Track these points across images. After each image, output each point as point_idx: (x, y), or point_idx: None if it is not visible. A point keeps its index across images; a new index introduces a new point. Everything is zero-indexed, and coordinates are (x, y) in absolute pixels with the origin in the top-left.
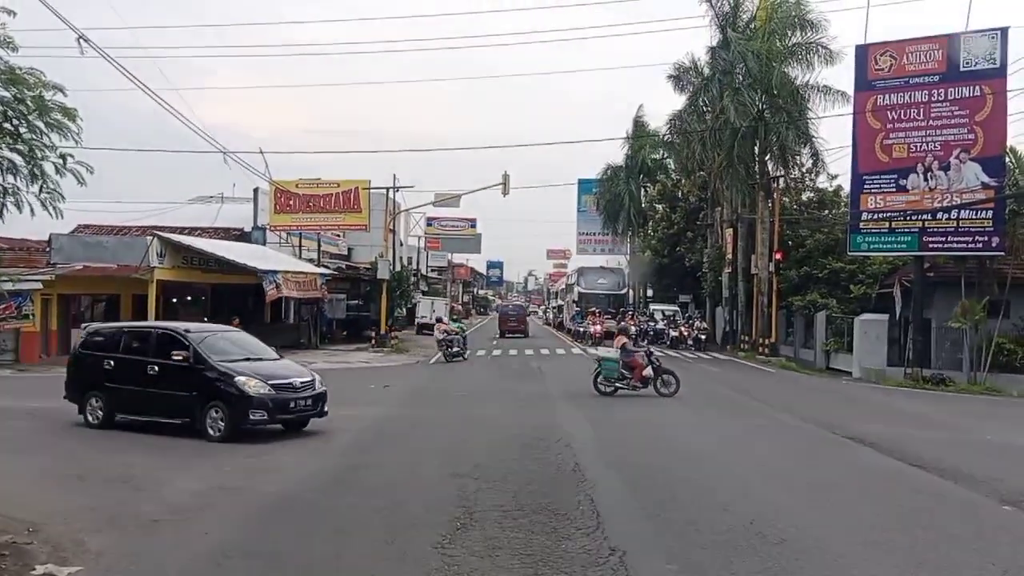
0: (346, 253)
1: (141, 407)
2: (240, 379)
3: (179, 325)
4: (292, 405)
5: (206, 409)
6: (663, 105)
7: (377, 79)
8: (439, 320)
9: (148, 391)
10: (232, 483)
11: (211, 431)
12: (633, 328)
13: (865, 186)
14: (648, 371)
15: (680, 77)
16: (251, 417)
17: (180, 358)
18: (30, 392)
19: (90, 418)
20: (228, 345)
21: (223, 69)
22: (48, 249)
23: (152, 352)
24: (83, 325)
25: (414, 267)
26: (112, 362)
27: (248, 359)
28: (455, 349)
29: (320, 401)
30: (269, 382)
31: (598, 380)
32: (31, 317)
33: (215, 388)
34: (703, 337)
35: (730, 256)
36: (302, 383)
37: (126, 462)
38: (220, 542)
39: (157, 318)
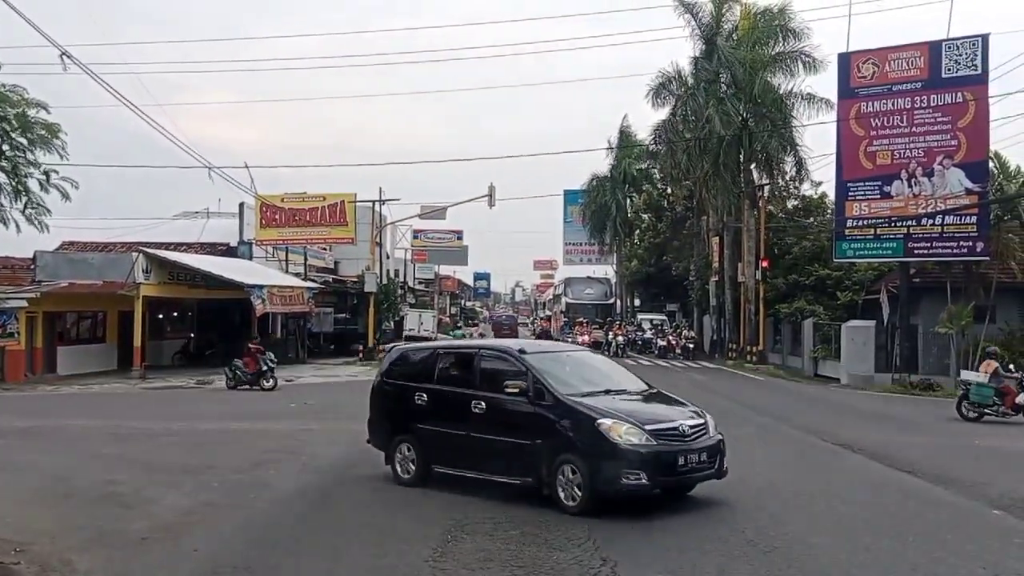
0: (333, 267)
1: (464, 459)
2: (604, 423)
3: (510, 343)
4: (681, 462)
5: (556, 466)
6: (648, 114)
7: (360, 93)
8: (475, 325)
9: (472, 437)
10: (220, 499)
11: (564, 498)
12: (621, 338)
13: (850, 193)
14: (1021, 398)
15: (659, 92)
16: (624, 481)
17: (515, 390)
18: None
19: (400, 471)
20: (576, 371)
21: (206, 85)
22: (33, 267)
23: (477, 382)
24: (386, 346)
25: (401, 280)
26: (425, 396)
27: (607, 391)
28: None
29: (716, 454)
30: (646, 427)
31: (963, 405)
32: (16, 335)
33: (567, 435)
34: (691, 346)
35: (716, 264)
36: (692, 428)
37: (112, 479)
38: (210, 559)
39: (143, 335)
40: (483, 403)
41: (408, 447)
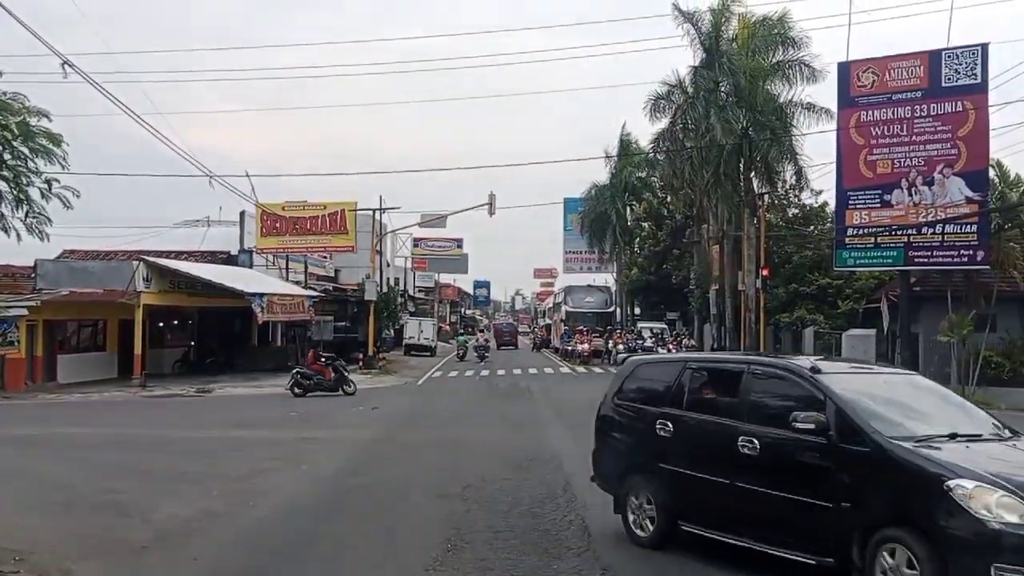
0: (333, 275)
1: (726, 518)
2: (961, 486)
3: (798, 361)
4: None
5: (874, 544)
6: (648, 122)
7: (361, 101)
8: (482, 331)
9: (739, 488)
10: (220, 508)
11: None
12: (621, 346)
13: (850, 202)
14: None
15: (657, 104)
16: None
17: (808, 427)
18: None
19: (634, 526)
20: (901, 402)
21: (208, 93)
22: (34, 275)
23: (745, 410)
24: (619, 355)
25: (401, 288)
26: (670, 425)
27: (954, 436)
28: (488, 355)
29: None
30: None
31: None
32: (16, 343)
33: (894, 501)
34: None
35: (717, 273)
36: None
37: (112, 487)
38: (210, 568)
39: (144, 343)
40: (755, 441)
41: (645, 495)
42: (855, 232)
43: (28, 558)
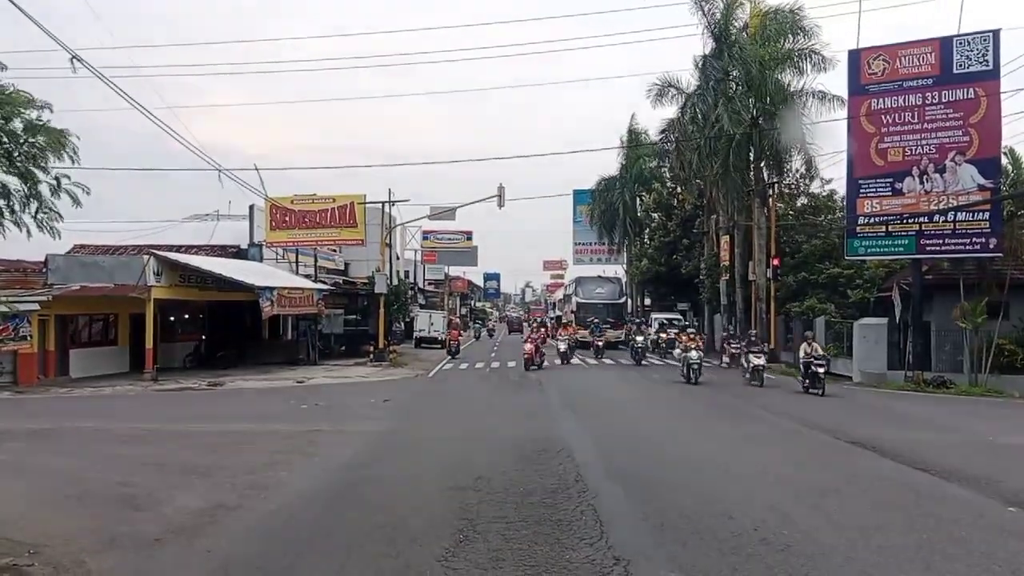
0: (343, 268)
1: None
2: None
3: None
4: None
5: None
6: (658, 113)
7: (371, 94)
8: (492, 319)
9: None
10: (233, 500)
11: None
12: (679, 351)
13: (861, 190)
14: None
15: (664, 91)
16: None
17: None
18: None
19: None
20: None
21: (218, 87)
22: (45, 270)
23: None
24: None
25: (411, 281)
26: None
27: None
28: (495, 333)
29: None
30: None
31: None
32: (28, 338)
33: None
34: (762, 366)
35: (727, 263)
36: None
37: (125, 481)
38: (223, 560)
39: (155, 337)
40: None
41: None
42: (866, 221)
43: (42, 551)
